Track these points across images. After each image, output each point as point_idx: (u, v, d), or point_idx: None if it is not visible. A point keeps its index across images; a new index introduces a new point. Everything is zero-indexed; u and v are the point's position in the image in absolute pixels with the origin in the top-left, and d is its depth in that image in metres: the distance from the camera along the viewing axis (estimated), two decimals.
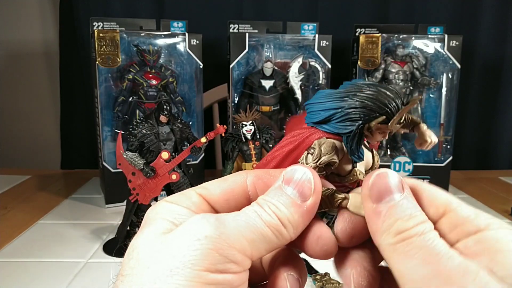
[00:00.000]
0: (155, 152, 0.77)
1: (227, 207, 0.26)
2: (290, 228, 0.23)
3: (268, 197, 0.24)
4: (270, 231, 0.22)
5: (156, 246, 0.21)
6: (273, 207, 0.23)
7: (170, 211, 0.24)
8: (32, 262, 0.73)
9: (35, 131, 1.55)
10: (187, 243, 0.20)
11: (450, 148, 1.13)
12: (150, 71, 1.03)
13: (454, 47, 1.07)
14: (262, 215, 0.22)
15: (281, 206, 0.23)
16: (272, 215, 0.22)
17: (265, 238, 0.22)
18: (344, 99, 0.24)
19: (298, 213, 0.23)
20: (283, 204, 0.23)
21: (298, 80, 1.10)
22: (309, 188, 0.23)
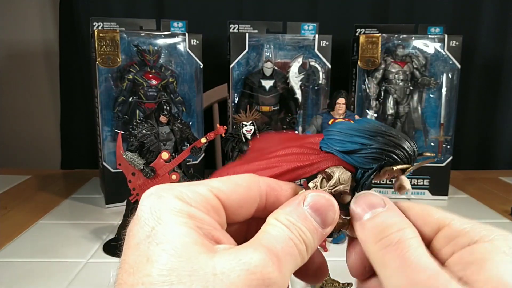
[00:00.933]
0: (155, 153, 0.77)
1: (239, 211, 0.25)
2: (310, 253, 0.23)
3: (292, 219, 0.23)
4: (300, 258, 0.22)
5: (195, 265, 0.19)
6: (302, 233, 0.23)
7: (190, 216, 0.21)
8: (32, 262, 0.73)
9: (35, 131, 1.55)
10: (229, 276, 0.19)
11: (450, 148, 1.13)
12: (150, 71, 1.03)
13: (454, 47, 1.07)
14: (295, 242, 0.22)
15: (306, 231, 0.23)
16: (301, 242, 0.23)
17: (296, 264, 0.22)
18: (374, 138, 0.26)
19: (317, 239, 0.24)
20: (308, 229, 0.23)
21: (298, 80, 1.10)
22: (332, 218, 0.24)
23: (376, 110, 1.14)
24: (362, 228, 0.24)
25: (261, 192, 0.26)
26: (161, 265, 0.19)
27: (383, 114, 1.15)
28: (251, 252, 0.20)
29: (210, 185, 0.24)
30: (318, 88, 1.12)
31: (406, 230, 0.22)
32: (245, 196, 0.25)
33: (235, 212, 0.24)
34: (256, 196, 0.25)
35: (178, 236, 0.20)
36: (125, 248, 0.21)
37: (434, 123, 1.15)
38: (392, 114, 1.14)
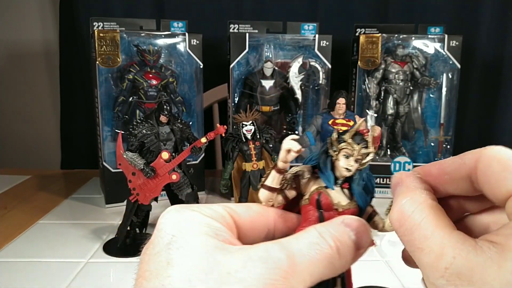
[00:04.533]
0: (155, 152, 0.77)
1: (250, 233, 0.26)
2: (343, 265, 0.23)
3: (331, 228, 0.24)
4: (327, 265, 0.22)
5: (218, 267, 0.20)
6: (335, 238, 0.23)
7: (208, 224, 0.23)
8: (32, 262, 0.73)
9: (35, 131, 1.55)
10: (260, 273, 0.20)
11: (450, 148, 1.13)
12: (150, 71, 1.03)
13: (454, 47, 1.08)
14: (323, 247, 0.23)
15: (342, 239, 0.23)
16: (332, 248, 0.23)
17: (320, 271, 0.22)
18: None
19: (352, 255, 0.24)
20: (345, 239, 0.24)
21: (298, 80, 1.10)
22: (366, 241, 0.25)
23: (376, 110, 1.14)
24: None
25: (270, 218, 0.27)
26: (180, 266, 0.20)
27: (383, 114, 1.15)
28: (263, 249, 0.21)
29: (226, 205, 0.26)
30: (318, 88, 1.12)
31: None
32: (256, 219, 0.27)
33: (247, 233, 0.26)
34: (266, 221, 0.27)
35: (197, 240, 0.21)
36: (145, 258, 0.22)
37: (434, 123, 1.15)
38: (392, 114, 1.14)
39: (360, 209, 0.28)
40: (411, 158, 1.12)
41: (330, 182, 0.28)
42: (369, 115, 1.14)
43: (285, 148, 0.28)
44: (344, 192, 0.29)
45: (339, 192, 0.28)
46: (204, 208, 0.24)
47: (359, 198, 0.28)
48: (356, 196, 0.28)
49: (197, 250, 0.21)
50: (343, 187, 0.29)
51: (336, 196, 0.28)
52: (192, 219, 0.23)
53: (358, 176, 0.28)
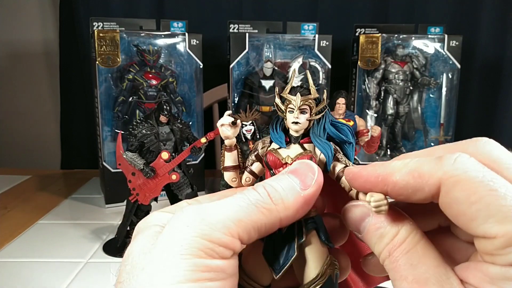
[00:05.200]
0: (155, 152, 0.77)
1: None
2: (281, 207, 0.23)
3: (268, 180, 0.24)
4: (256, 208, 0.22)
5: (147, 247, 0.21)
6: (269, 187, 0.23)
7: (160, 218, 0.24)
8: (32, 262, 0.73)
9: (35, 131, 1.55)
10: (174, 237, 0.21)
11: None
12: (150, 71, 1.03)
13: (454, 47, 1.08)
14: (249, 194, 0.23)
15: (277, 186, 0.23)
16: (263, 193, 0.23)
17: (252, 216, 0.22)
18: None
19: (293, 196, 0.23)
20: (281, 186, 0.24)
21: (298, 80, 1.10)
22: (311, 178, 0.24)
23: (376, 110, 1.14)
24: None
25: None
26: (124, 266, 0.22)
27: (383, 114, 1.15)
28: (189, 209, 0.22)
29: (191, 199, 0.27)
30: (318, 88, 1.12)
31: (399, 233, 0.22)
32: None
33: None
34: None
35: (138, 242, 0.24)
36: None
37: (434, 123, 1.15)
38: (392, 114, 1.14)
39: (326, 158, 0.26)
40: None
41: (281, 142, 0.27)
42: (369, 115, 1.14)
43: (218, 125, 0.28)
44: (303, 147, 0.27)
45: (294, 148, 0.27)
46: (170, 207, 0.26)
47: (318, 145, 0.27)
48: (316, 145, 0.27)
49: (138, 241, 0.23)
50: (302, 143, 0.27)
51: (287, 152, 0.27)
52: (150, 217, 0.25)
53: (316, 126, 0.27)
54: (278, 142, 0.27)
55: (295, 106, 0.27)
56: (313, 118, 0.27)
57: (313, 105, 0.27)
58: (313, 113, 0.27)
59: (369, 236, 0.23)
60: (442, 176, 0.20)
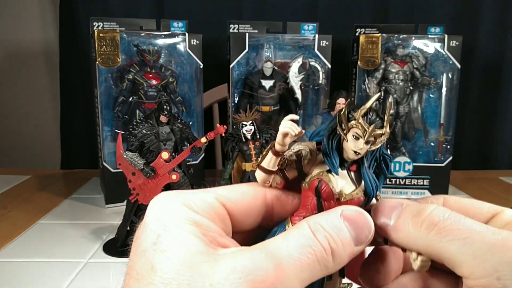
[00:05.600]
0: (155, 152, 0.77)
1: (245, 219, 0.25)
2: (337, 265, 0.22)
3: (326, 224, 0.22)
4: (320, 267, 0.21)
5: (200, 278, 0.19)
6: (333, 243, 0.22)
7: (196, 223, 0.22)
8: (32, 262, 0.73)
9: (35, 131, 1.55)
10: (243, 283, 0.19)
11: (450, 148, 1.13)
12: (150, 71, 1.03)
13: (454, 47, 1.07)
14: (315, 247, 0.21)
15: (339, 241, 0.22)
16: (327, 249, 0.21)
17: (312, 274, 0.21)
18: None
19: (348, 252, 0.22)
20: (342, 240, 0.22)
21: (298, 80, 1.10)
22: (366, 236, 0.23)
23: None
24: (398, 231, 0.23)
25: (267, 201, 0.25)
26: (164, 273, 0.19)
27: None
28: (248, 258, 0.20)
29: (217, 192, 0.24)
30: (318, 88, 1.12)
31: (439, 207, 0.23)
32: (251, 204, 0.25)
33: (241, 219, 0.25)
34: (262, 205, 0.25)
35: (182, 244, 0.20)
36: (132, 255, 0.22)
37: (434, 123, 1.15)
38: (392, 114, 1.14)
39: (367, 197, 0.25)
40: (411, 158, 1.12)
41: (334, 167, 0.25)
42: None
43: (282, 132, 0.24)
44: (350, 175, 0.25)
45: (344, 176, 0.25)
46: (194, 199, 0.23)
47: (368, 183, 0.25)
48: (365, 181, 0.25)
49: (181, 257, 0.20)
50: (350, 170, 0.25)
51: (339, 182, 0.25)
52: (179, 215, 0.22)
53: (370, 157, 0.25)
54: (331, 167, 0.25)
55: (363, 136, 0.24)
56: (372, 149, 0.25)
57: (378, 138, 0.25)
58: (376, 145, 0.25)
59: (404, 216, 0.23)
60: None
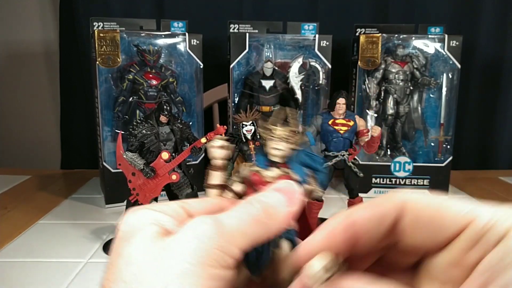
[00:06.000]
0: (155, 153, 0.77)
1: None
2: (274, 222, 0.25)
3: (259, 196, 0.26)
4: (257, 223, 0.24)
5: (155, 252, 0.22)
6: (264, 204, 0.25)
7: (156, 219, 0.24)
8: (32, 262, 0.73)
9: (35, 131, 1.55)
10: (193, 245, 0.21)
11: (450, 148, 1.13)
12: (150, 71, 1.03)
13: (454, 47, 1.08)
14: (250, 208, 0.24)
15: (271, 202, 0.25)
16: (260, 208, 0.25)
17: (253, 229, 0.24)
18: None
19: (283, 212, 0.25)
20: (274, 202, 0.25)
21: (298, 80, 1.10)
22: (296, 197, 0.26)
23: (376, 110, 1.14)
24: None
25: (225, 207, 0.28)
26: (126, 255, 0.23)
27: (383, 114, 1.15)
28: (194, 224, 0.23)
29: (182, 201, 0.28)
30: (318, 88, 1.12)
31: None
32: (210, 209, 0.28)
33: None
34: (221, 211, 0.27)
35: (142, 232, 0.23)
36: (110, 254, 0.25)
37: (434, 123, 1.15)
38: (392, 114, 1.14)
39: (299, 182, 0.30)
40: (411, 158, 1.12)
41: (261, 164, 0.31)
42: (369, 115, 1.14)
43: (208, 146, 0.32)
44: (282, 171, 0.31)
45: (276, 171, 0.31)
46: (158, 205, 0.26)
47: (296, 171, 0.30)
48: (292, 169, 0.30)
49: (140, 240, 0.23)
50: (280, 167, 0.31)
51: (268, 173, 0.31)
52: (142, 216, 0.25)
53: (294, 155, 0.31)
54: (259, 164, 0.31)
55: (276, 135, 0.31)
56: (292, 148, 0.31)
57: (292, 137, 0.31)
58: (295, 144, 0.31)
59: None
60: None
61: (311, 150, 0.33)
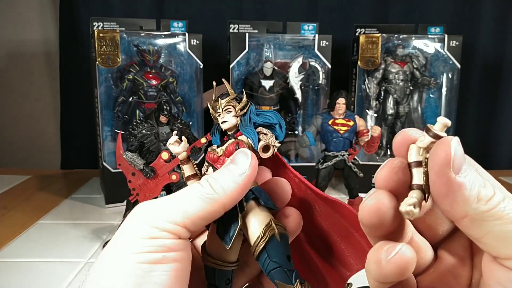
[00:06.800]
0: (155, 153, 0.77)
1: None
2: (222, 195, 0.27)
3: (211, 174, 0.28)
4: (201, 200, 0.26)
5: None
6: (211, 179, 0.27)
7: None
8: (32, 262, 0.73)
9: (35, 131, 1.55)
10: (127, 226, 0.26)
11: None
12: (150, 71, 1.03)
13: (454, 47, 1.08)
14: (194, 188, 0.27)
15: (218, 176, 0.27)
16: (206, 185, 0.27)
17: (196, 207, 0.26)
18: None
19: (233, 182, 0.27)
20: (221, 176, 0.27)
21: (298, 80, 1.10)
22: (246, 163, 0.28)
23: (376, 110, 1.14)
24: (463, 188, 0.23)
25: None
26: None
27: (383, 114, 1.15)
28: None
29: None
30: (318, 88, 1.12)
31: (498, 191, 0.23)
32: None
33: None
34: None
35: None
36: None
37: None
38: (392, 114, 1.14)
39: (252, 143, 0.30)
40: None
41: (216, 141, 0.33)
42: (369, 115, 1.14)
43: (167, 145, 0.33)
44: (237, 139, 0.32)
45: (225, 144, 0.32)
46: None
47: (245, 133, 0.31)
48: (243, 134, 0.31)
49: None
50: (236, 137, 0.32)
51: (220, 148, 0.32)
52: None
53: (243, 120, 0.32)
54: (215, 142, 0.33)
55: (220, 109, 0.32)
56: (239, 114, 0.32)
57: (236, 104, 0.32)
58: (237, 110, 0.31)
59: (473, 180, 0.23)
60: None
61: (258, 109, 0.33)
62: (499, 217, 0.21)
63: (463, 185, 0.22)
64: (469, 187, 0.22)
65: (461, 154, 0.23)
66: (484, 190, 0.22)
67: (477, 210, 0.22)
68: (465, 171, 0.23)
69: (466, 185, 0.22)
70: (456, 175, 0.22)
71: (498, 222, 0.21)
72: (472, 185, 0.22)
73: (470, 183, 0.22)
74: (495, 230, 0.21)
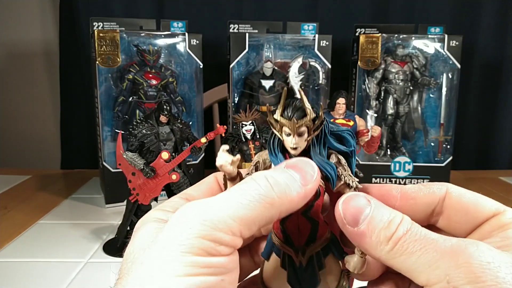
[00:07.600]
0: (155, 152, 0.77)
1: None
2: (283, 200, 0.22)
3: (269, 171, 0.24)
4: (259, 204, 0.22)
5: (147, 243, 0.22)
6: (271, 179, 0.23)
7: (159, 215, 0.26)
8: (32, 262, 0.73)
9: (35, 131, 1.55)
10: (175, 236, 0.21)
11: (450, 148, 1.13)
12: (150, 71, 1.03)
13: (454, 47, 1.08)
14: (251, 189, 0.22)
15: (280, 179, 0.23)
16: (266, 186, 0.22)
17: (253, 212, 0.22)
18: None
19: (296, 190, 0.23)
20: (283, 179, 0.23)
21: (298, 80, 1.10)
22: (311, 175, 0.24)
23: (376, 110, 1.14)
24: (364, 237, 0.23)
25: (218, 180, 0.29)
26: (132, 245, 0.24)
27: (383, 114, 1.15)
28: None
29: (183, 192, 0.29)
30: (318, 88, 1.12)
31: (404, 220, 0.23)
32: (209, 189, 0.29)
33: None
34: (216, 186, 0.29)
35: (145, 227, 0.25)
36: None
37: (434, 123, 1.15)
38: (392, 114, 1.14)
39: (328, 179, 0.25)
40: (411, 158, 1.12)
41: (276, 161, 0.26)
42: (369, 115, 1.14)
43: (217, 165, 0.25)
44: None
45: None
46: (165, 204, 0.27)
47: (323, 169, 0.25)
48: (320, 168, 0.25)
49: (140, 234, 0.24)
50: None
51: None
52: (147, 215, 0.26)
53: (316, 144, 0.25)
54: (275, 163, 0.26)
55: (291, 131, 0.25)
56: (312, 137, 0.25)
57: (311, 125, 0.25)
58: (311, 131, 0.25)
59: (373, 225, 0.23)
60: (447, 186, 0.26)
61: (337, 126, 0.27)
62: (402, 253, 0.22)
63: (363, 233, 0.23)
64: (370, 234, 0.23)
65: (355, 207, 0.24)
66: (386, 230, 0.23)
67: (382, 252, 0.23)
68: (364, 220, 0.23)
69: (366, 233, 0.23)
70: (355, 227, 0.23)
71: (403, 257, 0.22)
72: (373, 230, 0.23)
73: (370, 230, 0.23)
74: (406, 265, 0.22)
